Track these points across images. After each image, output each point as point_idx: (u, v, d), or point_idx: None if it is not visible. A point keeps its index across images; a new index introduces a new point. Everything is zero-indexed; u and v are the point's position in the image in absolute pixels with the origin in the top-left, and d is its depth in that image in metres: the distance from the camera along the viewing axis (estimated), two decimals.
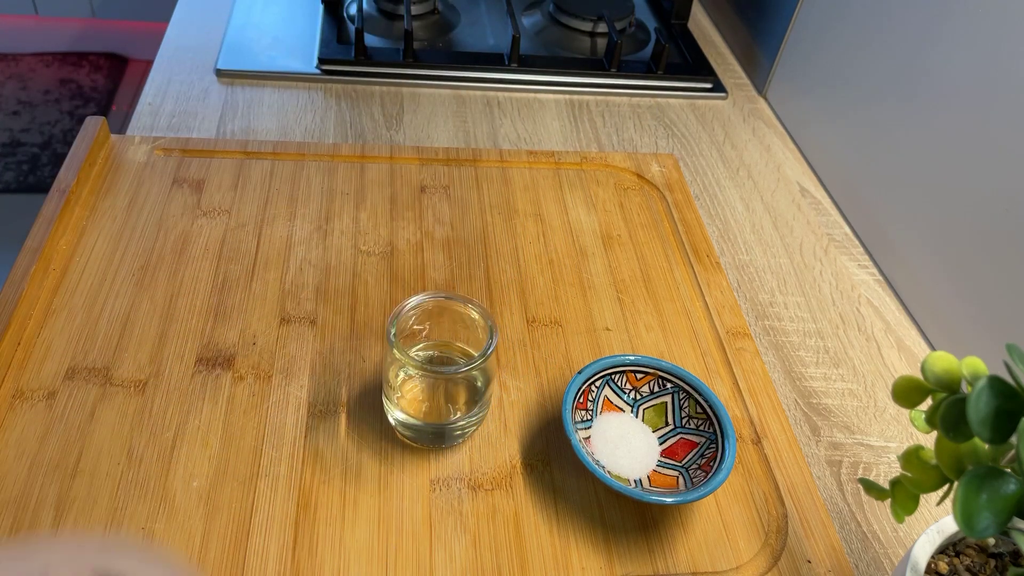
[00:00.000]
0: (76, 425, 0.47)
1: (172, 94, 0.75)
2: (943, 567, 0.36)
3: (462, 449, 0.48)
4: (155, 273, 0.56)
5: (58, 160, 1.89)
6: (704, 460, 0.46)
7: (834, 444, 0.53)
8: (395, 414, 0.47)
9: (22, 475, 0.44)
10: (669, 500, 0.43)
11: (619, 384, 0.50)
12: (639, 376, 0.50)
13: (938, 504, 0.32)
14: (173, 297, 0.55)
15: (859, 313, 0.62)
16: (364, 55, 0.80)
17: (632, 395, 0.50)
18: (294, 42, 0.83)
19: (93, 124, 0.65)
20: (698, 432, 0.48)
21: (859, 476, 0.51)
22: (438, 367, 0.47)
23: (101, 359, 0.50)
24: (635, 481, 0.46)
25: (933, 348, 0.61)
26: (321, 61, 0.79)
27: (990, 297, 0.55)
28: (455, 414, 0.47)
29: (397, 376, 0.47)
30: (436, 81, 0.81)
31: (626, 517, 0.46)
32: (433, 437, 0.47)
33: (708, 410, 0.48)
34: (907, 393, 0.33)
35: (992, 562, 0.37)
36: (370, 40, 0.82)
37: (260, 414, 0.49)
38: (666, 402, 0.49)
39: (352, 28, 0.84)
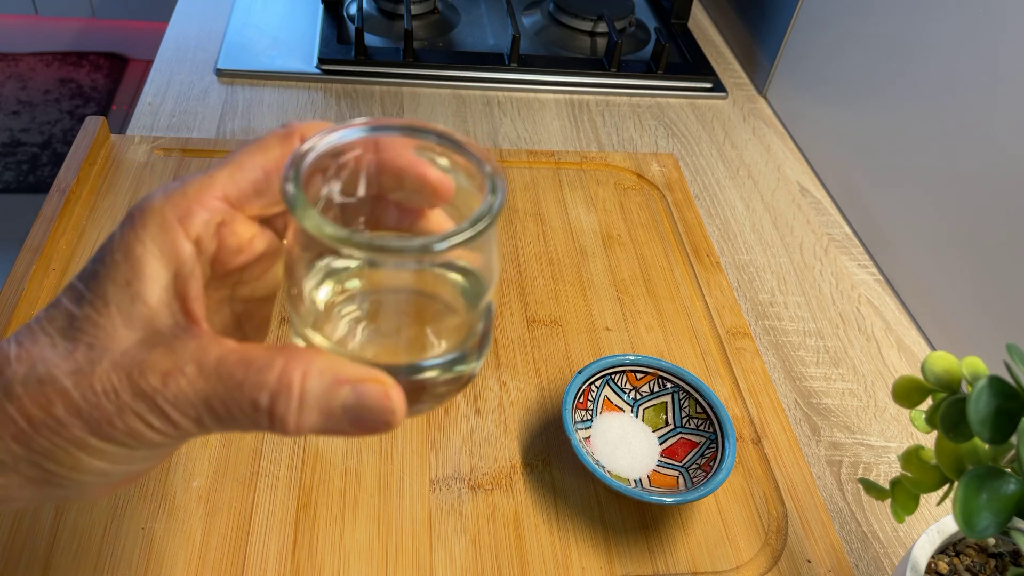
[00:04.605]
0: None
1: (172, 94, 0.75)
2: (943, 567, 0.36)
3: (462, 449, 0.48)
4: None
5: (58, 160, 1.89)
6: (704, 460, 0.46)
7: (834, 444, 0.53)
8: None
9: None
10: (669, 500, 0.43)
11: (619, 384, 0.50)
12: (639, 376, 0.50)
13: (938, 504, 0.32)
14: None
15: (859, 313, 0.62)
16: (364, 55, 0.80)
17: (632, 395, 0.50)
18: (294, 42, 0.83)
19: (93, 124, 0.65)
20: (698, 432, 0.48)
21: (859, 476, 0.51)
22: (400, 241, 0.24)
23: None
24: (635, 481, 0.46)
25: (933, 348, 0.61)
26: (321, 61, 0.79)
27: (990, 297, 0.55)
28: (437, 344, 0.28)
29: (317, 287, 0.27)
30: (436, 81, 0.81)
31: (626, 517, 0.46)
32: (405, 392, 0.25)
33: (708, 410, 0.48)
34: (907, 393, 0.33)
35: (992, 562, 0.37)
36: (370, 40, 0.82)
37: None
38: (666, 402, 0.49)
39: (352, 28, 0.84)
